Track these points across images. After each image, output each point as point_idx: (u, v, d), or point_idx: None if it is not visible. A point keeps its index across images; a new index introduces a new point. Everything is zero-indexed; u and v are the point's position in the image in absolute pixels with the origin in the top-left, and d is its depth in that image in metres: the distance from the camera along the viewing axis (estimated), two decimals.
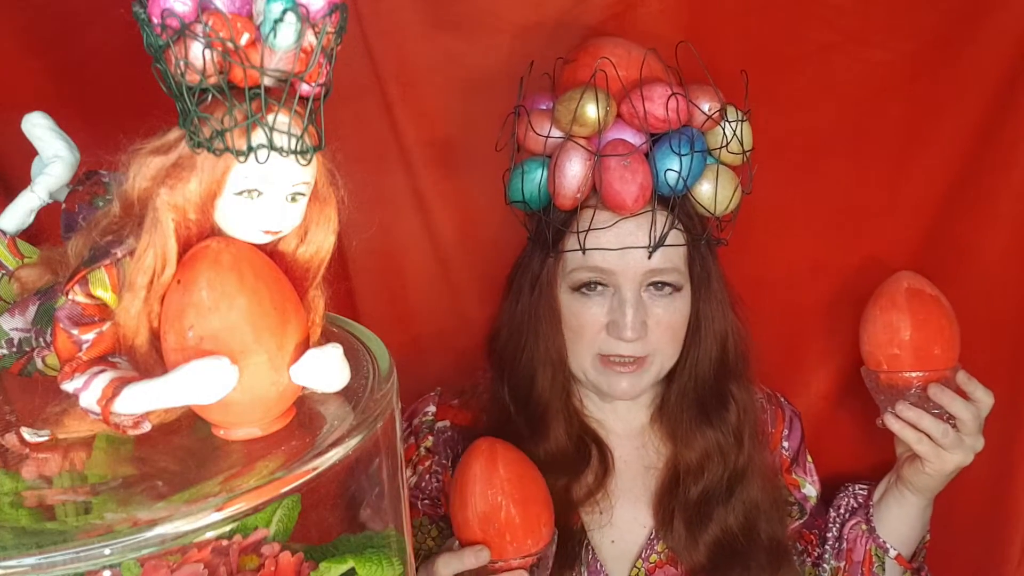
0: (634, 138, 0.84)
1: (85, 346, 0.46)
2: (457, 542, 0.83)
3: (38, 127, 0.58)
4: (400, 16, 0.96)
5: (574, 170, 0.84)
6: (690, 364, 0.94)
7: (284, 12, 0.41)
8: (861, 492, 1.04)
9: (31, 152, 0.59)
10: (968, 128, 1.00)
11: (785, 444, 1.04)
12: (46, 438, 0.49)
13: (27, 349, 0.52)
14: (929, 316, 0.93)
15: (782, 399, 1.07)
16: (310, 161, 0.46)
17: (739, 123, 0.85)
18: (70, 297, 0.46)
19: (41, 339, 0.51)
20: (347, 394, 0.52)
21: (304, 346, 0.48)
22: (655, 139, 0.84)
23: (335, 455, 0.48)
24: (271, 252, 0.49)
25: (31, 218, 0.59)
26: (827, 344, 1.11)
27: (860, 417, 1.09)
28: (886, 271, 1.07)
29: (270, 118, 0.44)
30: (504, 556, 0.80)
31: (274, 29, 0.42)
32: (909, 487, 0.95)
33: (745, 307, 0.97)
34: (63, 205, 0.57)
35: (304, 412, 0.51)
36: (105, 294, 0.46)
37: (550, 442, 0.93)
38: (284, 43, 0.42)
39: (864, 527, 1.00)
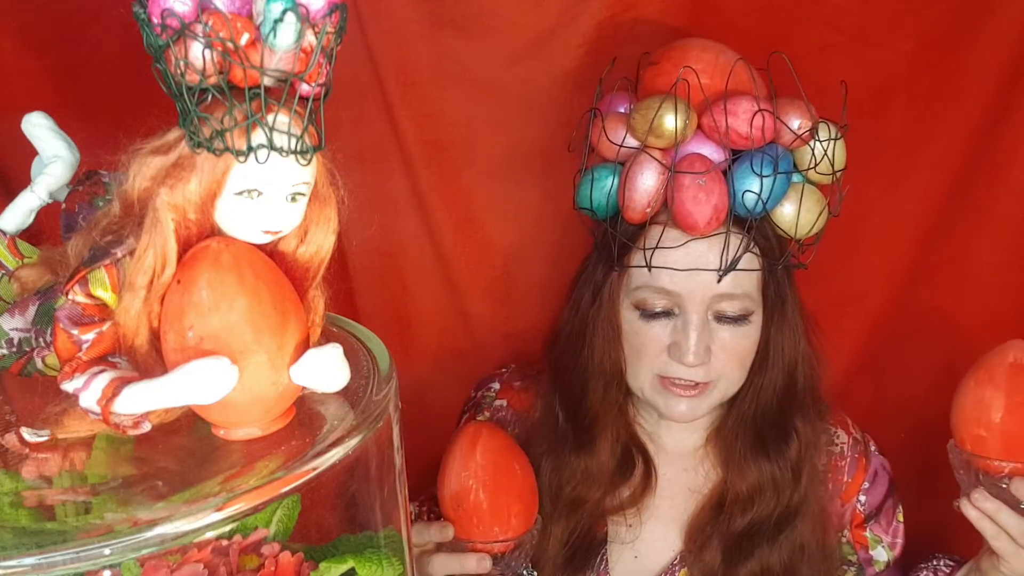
0: (714, 153, 0.79)
1: (85, 346, 0.46)
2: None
3: (38, 127, 0.58)
4: (400, 16, 0.96)
5: (646, 183, 0.79)
6: (753, 391, 0.89)
7: (284, 12, 0.41)
8: (944, 569, 0.95)
9: (31, 152, 0.59)
10: (968, 128, 1.00)
11: (862, 498, 0.96)
12: (46, 438, 0.49)
13: (27, 349, 0.52)
14: None
15: (872, 448, 0.99)
16: (310, 161, 0.46)
17: (832, 141, 0.80)
18: (70, 297, 0.46)
19: (41, 339, 0.51)
20: (347, 394, 0.52)
21: (304, 346, 0.48)
22: (736, 155, 0.79)
23: (335, 455, 0.48)
24: (271, 252, 0.49)
25: (31, 218, 0.59)
26: (826, 345, 1.11)
27: (859, 422, 1.08)
28: (887, 271, 1.07)
29: (270, 118, 0.44)
30: (470, 537, 0.82)
31: (274, 29, 0.42)
32: None
33: (823, 335, 0.92)
34: (63, 205, 0.57)
35: (304, 412, 0.51)
36: (105, 294, 0.46)
37: (593, 457, 0.90)
38: (284, 43, 0.42)
39: None
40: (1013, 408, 0.79)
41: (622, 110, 0.84)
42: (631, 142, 0.80)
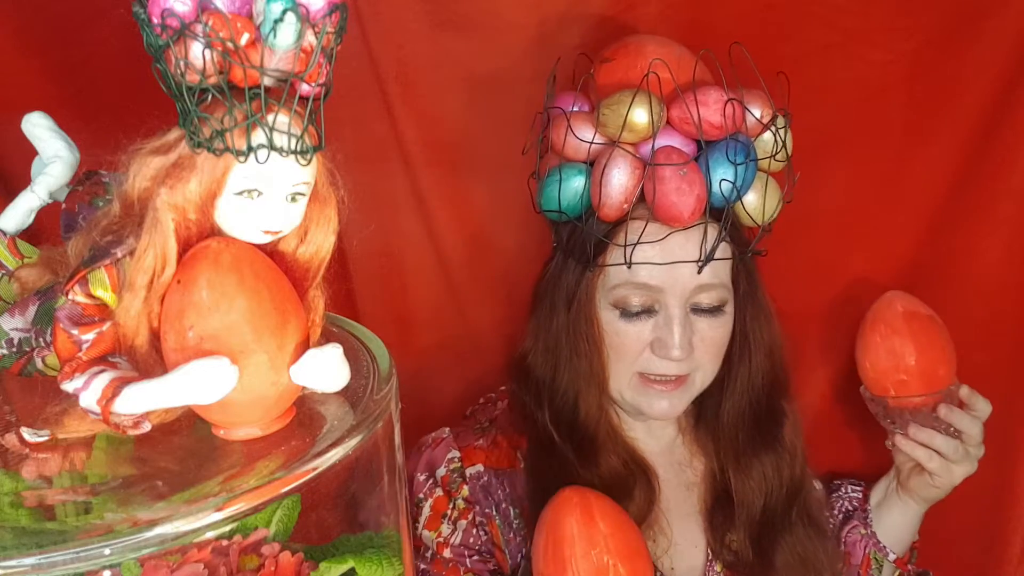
0: (681, 144, 0.80)
1: (85, 346, 0.46)
2: None
3: (38, 127, 0.58)
4: (400, 16, 0.96)
5: (622, 180, 0.78)
6: (741, 384, 0.90)
7: (284, 12, 0.41)
8: (855, 495, 1.03)
9: (31, 152, 0.59)
10: (968, 128, 1.00)
11: None
12: (46, 438, 0.49)
13: (27, 349, 0.52)
14: (930, 338, 0.93)
15: None
16: (310, 161, 0.46)
17: (786, 129, 0.81)
18: (70, 297, 0.46)
19: (41, 339, 0.51)
20: (347, 394, 0.52)
21: (304, 346, 0.48)
22: (699, 146, 0.80)
23: (335, 455, 0.48)
24: (271, 252, 0.49)
25: (31, 218, 0.59)
26: (826, 344, 1.11)
27: (859, 419, 1.09)
28: (887, 271, 1.07)
29: (270, 118, 0.44)
30: None
31: (274, 29, 0.42)
32: (915, 497, 0.95)
33: (785, 317, 0.94)
34: (63, 205, 0.57)
35: (304, 412, 0.51)
36: (105, 294, 0.46)
37: (602, 467, 0.87)
38: (284, 43, 0.42)
39: (863, 531, 0.99)
40: (922, 349, 0.92)
41: (575, 109, 0.83)
42: (598, 139, 0.80)
